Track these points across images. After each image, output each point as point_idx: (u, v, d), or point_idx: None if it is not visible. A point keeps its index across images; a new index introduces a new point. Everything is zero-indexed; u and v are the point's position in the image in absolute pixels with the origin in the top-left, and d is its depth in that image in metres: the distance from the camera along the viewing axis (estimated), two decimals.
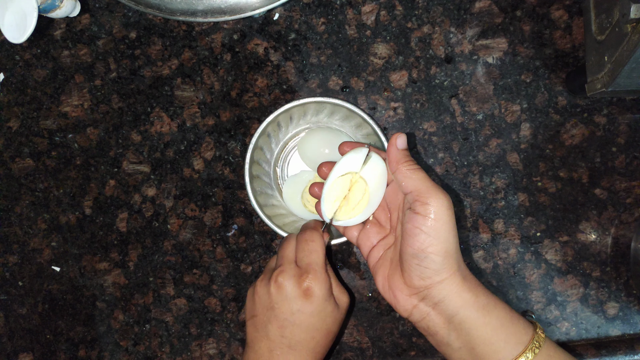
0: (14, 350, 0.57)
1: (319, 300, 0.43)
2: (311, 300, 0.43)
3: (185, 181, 0.56)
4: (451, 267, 0.38)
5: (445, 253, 0.38)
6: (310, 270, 0.43)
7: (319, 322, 0.44)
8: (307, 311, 0.43)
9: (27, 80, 0.57)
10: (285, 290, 0.43)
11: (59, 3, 0.52)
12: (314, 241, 0.45)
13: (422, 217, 0.38)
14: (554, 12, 0.53)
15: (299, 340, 0.43)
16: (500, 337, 0.38)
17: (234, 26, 0.55)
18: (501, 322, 0.39)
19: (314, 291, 0.43)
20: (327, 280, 0.44)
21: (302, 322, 0.43)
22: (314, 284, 0.43)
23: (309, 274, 0.43)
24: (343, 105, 0.50)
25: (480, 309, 0.38)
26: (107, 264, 0.56)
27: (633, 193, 0.53)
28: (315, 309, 0.43)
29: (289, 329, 0.43)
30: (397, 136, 0.41)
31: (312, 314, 0.43)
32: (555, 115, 0.54)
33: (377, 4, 0.54)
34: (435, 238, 0.38)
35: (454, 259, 0.39)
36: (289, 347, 0.43)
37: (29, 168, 0.57)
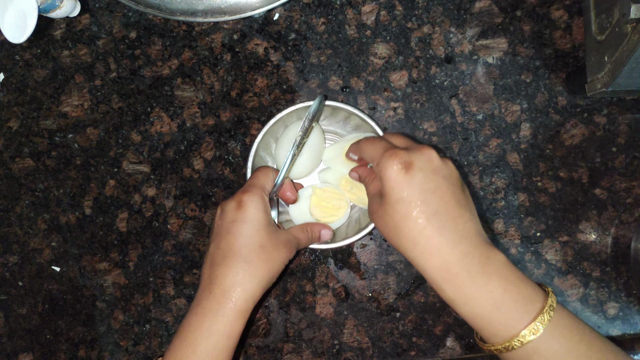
0: (14, 350, 0.57)
1: (251, 210, 0.44)
2: (242, 209, 0.44)
3: (185, 181, 0.56)
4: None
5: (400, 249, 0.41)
6: (247, 188, 0.46)
7: (252, 231, 0.44)
8: (240, 219, 0.44)
9: (27, 80, 0.57)
10: (224, 208, 0.46)
11: (59, 3, 0.52)
12: (261, 170, 0.48)
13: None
14: (554, 12, 0.53)
15: (231, 248, 0.44)
16: (509, 306, 0.38)
17: (234, 26, 0.55)
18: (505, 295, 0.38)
19: (245, 201, 0.44)
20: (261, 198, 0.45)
21: (235, 230, 0.44)
22: (246, 196, 0.45)
23: (242, 189, 0.46)
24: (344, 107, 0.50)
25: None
26: (107, 264, 0.56)
27: (633, 193, 0.53)
28: (247, 217, 0.44)
29: (224, 239, 0.44)
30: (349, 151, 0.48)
31: (245, 221, 0.44)
32: (555, 115, 0.54)
33: (377, 4, 0.54)
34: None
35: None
36: (223, 257, 0.44)
37: (29, 168, 0.57)
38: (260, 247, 0.44)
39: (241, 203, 0.44)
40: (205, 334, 0.42)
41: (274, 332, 0.55)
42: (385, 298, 0.54)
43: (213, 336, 0.42)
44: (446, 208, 0.38)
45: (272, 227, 0.45)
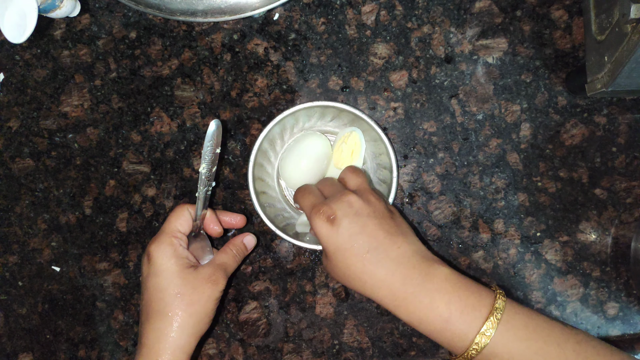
0: (14, 350, 0.57)
1: (158, 260, 0.45)
2: (151, 262, 0.45)
3: (185, 181, 0.56)
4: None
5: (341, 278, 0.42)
6: (156, 236, 0.47)
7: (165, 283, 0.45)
8: (150, 272, 0.45)
9: (27, 80, 0.57)
10: (142, 262, 0.47)
11: (59, 3, 0.52)
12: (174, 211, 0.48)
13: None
14: (554, 12, 0.53)
15: (149, 303, 0.45)
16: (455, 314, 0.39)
17: (234, 26, 0.55)
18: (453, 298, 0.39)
19: (152, 253, 0.46)
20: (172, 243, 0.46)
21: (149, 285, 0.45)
22: (153, 246, 0.46)
23: (152, 240, 0.47)
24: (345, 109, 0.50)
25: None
26: (107, 264, 0.56)
27: (633, 193, 0.53)
28: (155, 269, 0.45)
29: (144, 295, 0.46)
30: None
31: (155, 274, 0.45)
32: (555, 115, 0.54)
33: (377, 4, 0.54)
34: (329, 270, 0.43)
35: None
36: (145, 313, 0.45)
37: (29, 168, 0.57)
38: (176, 296, 0.45)
39: (149, 256, 0.46)
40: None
41: (274, 332, 0.55)
42: None
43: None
44: (377, 243, 0.40)
45: (187, 270, 0.46)
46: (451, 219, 0.54)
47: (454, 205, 0.54)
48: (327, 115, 0.52)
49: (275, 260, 0.55)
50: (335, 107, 0.50)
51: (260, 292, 0.55)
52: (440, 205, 0.54)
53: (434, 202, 0.54)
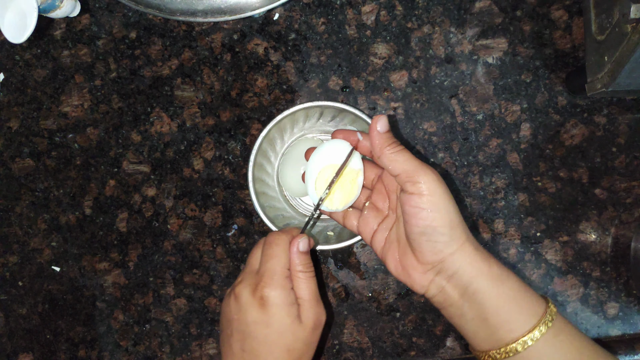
0: (14, 350, 0.57)
1: (274, 310, 0.40)
2: (265, 310, 0.40)
3: (185, 181, 0.56)
4: (460, 237, 0.39)
5: (450, 224, 0.38)
6: (266, 276, 0.40)
7: (276, 336, 0.40)
8: (262, 321, 0.40)
9: (27, 80, 0.57)
10: (241, 300, 0.41)
11: (59, 3, 0.52)
12: (277, 245, 0.42)
13: (418, 196, 0.38)
14: (554, 12, 0.53)
15: (257, 355, 0.41)
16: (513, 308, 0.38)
17: (234, 26, 0.55)
18: (514, 293, 0.38)
19: (268, 299, 0.40)
20: (285, 288, 0.40)
21: (258, 334, 0.40)
22: (268, 291, 0.40)
23: (263, 281, 0.40)
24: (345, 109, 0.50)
25: (494, 279, 0.38)
26: (107, 264, 0.56)
27: (633, 193, 0.53)
28: (270, 319, 0.40)
29: (247, 341, 0.41)
30: (378, 119, 0.40)
31: (269, 325, 0.40)
32: (555, 115, 0.54)
33: (377, 4, 0.54)
34: (437, 212, 0.38)
35: (460, 229, 0.39)
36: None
37: (29, 168, 0.57)
38: (287, 351, 0.41)
39: (264, 301, 0.40)
40: None
41: None
42: (385, 298, 0.54)
43: None
44: None
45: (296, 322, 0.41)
46: None
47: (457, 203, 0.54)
48: (327, 115, 0.52)
49: None
50: (335, 107, 0.50)
51: None
52: None
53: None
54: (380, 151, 0.40)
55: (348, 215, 0.45)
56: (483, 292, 0.38)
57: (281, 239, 0.42)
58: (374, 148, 0.40)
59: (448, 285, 0.39)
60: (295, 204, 0.55)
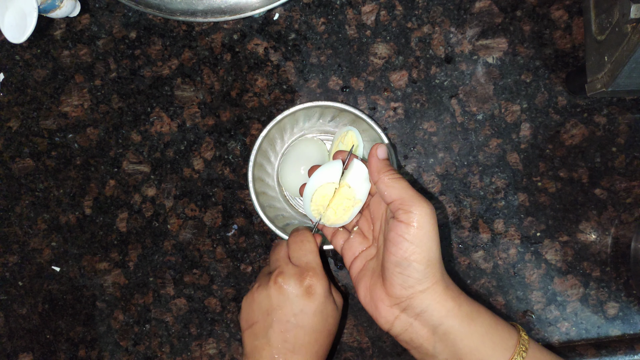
0: (14, 350, 0.57)
1: (320, 299, 0.42)
2: (313, 299, 0.42)
3: (185, 181, 0.56)
4: (434, 276, 0.38)
5: (427, 261, 0.38)
6: (310, 268, 0.43)
7: (322, 323, 0.43)
8: (310, 311, 0.42)
9: (27, 80, 0.57)
10: (287, 291, 0.42)
11: (59, 3, 0.52)
12: (309, 242, 0.45)
13: (406, 225, 0.38)
14: (554, 12, 0.53)
15: (302, 344, 0.42)
16: (487, 344, 0.38)
17: (234, 26, 0.55)
18: (486, 329, 0.38)
19: (315, 289, 0.42)
20: (326, 279, 0.44)
21: (305, 324, 0.42)
22: (315, 281, 0.42)
23: (309, 272, 0.43)
24: (345, 109, 0.50)
25: (465, 317, 0.38)
26: (107, 264, 0.56)
27: (633, 193, 0.53)
28: (317, 307, 0.42)
29: (292, 332, 0.42)
30: (377, 146, 0.41)
31: (315, 314, 0.42)
32: (555, 115, 0.54)
33: (377, 4, 0.54)
34: (419, 246, 0.38)
35: (436, 267, 0.38)
36: (292, 352, 0.42)
37: (29, 168, 0.57)
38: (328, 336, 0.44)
39: (311, 291, 0.42)
40: None
41: None
42: None
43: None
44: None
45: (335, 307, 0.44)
46: (451, 219, 0.54)
47: (454, 205, 0.54)
48: (327, 115, 0.52)
49: None
50: (335, 107, 0.50)
51: None
52: (440, 205, 0.54)
53: (434, 202, 0.54)
54: (377, 176, 0.40)
55: (337, 234, 0.46)
56: (455, 332, 0.38)
57: (310, 236, 0.45)
58: (371, 172, 0.41)
59: (415, 323, 0.39)
60: (295, 204, 0.55)
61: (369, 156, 0.41)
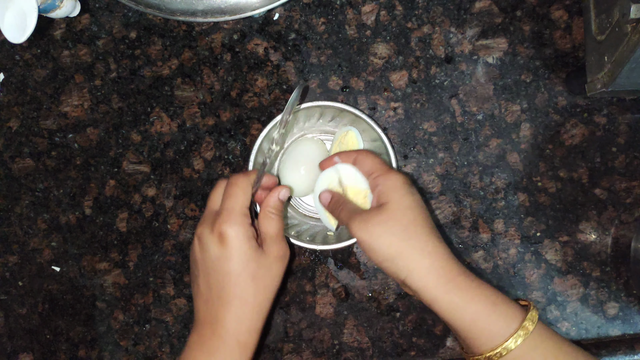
0: (14, 350, 0.57)
1: (233, 243, 0.42)
2: (225, 245, 0.42)
3: (185, 181, 0.56)
4: (404, 268, 0.41)
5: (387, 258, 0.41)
6: (223, 213, 0.42)
7: (240, 267, 0.42)
8: (223, 256, 0.42)
9: (27, 80, 0.57)
10: (202, 240, 0.43)
11: (59, 3, 0.52)
12: (236, 185, 0.44)
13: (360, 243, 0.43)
14: (554, 12, 0.53)
15: (223, 287, 0.42)
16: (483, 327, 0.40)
17: (234, 26, 0.55)
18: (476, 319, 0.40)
19: (227, 234, 0.42)
20: (243, 223, 0.43)
21: (221, 269, 0.42)
22: (227, 227, 0.42)
23: (222, 217, 0.42)
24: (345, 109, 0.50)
25: (450, 307, 0.40)
26: (107, 264, 0.56)
27: (633, 193, 0.53)
28: (230, 252, 0.42)
29: (212, 277, 0.43)
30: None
31: (230, 258, 0.42)
32: (555, 115, 0.54)
33: (377, 4, 0.54)
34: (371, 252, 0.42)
35: (403, 258, 0.41)
36: (218, 297, 0.43)
37: (29, 168, 0.57)
38: (252, 280, 0.43)
39: (222, 237, 0.42)
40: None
41: (274, 332, 0.55)
42: (385, 298, 0.54)
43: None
44: (435, 227, 0.43)
45: (259, 251, 0.44)
46: (451, 219, 0.54)
47: (454, 205, 0.54)
48: (327, 115, 0.52)
49: None
50: (336, 107, 0.50)
51: None
52: (440, 205, 0.54)
53: (433, 202, 0.54)
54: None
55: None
56: (443, 313, 0.40)
57: (240, 179, 0.44)
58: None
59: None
60: (295, 204, 0.55)
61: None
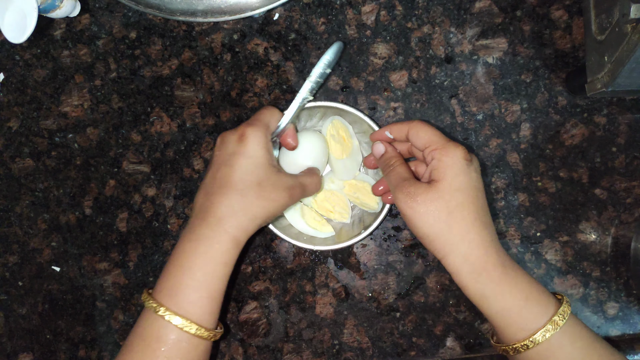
0: (14, 350, 0.57)
1: (251, 144, 0.43)
2: (243, 142, 0.43)
3: (185, 181, 0.56)
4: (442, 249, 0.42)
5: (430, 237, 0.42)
6: (251, 122, 0.45)
7: (251, 167, 0.43)
8: (240, 152, 0.43)
9: (27, 80, 0.57)
10: (225, 138, 0.45)
11: (59, 3, 0.52)
12: (267, 108, 0.47)
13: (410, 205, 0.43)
14: (554, 12, 0.53)
15: (227, 179, 0.43)
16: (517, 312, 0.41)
17: (234, 26, 0.55)
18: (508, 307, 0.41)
19: (247, 134, 0.44)
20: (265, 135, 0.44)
21: (234, 163, 0.43)
22: (249, 129, 0.44)
23: (247, 122, 0.45)
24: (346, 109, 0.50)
25: (479, 294, 0.41)
26: (107, 264, 0.56)
27: (633, 193, 0.53)
28: (248, 151, 0.43)
29: (222, 169, 0.44)
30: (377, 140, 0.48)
31: (246, 156, 0.43)
32: (555, 115, 0.54)
33: (377, 4, 0.54)
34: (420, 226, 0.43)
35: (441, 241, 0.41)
36: (219, 187, 0.43)
37: (29, 168, 0.57)
38: (257, 185, 0.43)
39: (243, 136, 0.44)
40: (201, 260, 0.42)
41: (274, 332, 0.55)
42: (385, 298, 0.54)
43: (209, 262, 0.42)
44: (485, 211, 0.42)
45: (273, 167, 0.45)
46: None
47: None
48: (329, 115, 0.52)
49: (275, 260, 0.55)
50: (336, 107, 0.50)
51: (260, 292, 0.55)
52: None
53: None
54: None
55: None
56: (473, 300, 0.41)
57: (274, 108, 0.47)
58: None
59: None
60: None
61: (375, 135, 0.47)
